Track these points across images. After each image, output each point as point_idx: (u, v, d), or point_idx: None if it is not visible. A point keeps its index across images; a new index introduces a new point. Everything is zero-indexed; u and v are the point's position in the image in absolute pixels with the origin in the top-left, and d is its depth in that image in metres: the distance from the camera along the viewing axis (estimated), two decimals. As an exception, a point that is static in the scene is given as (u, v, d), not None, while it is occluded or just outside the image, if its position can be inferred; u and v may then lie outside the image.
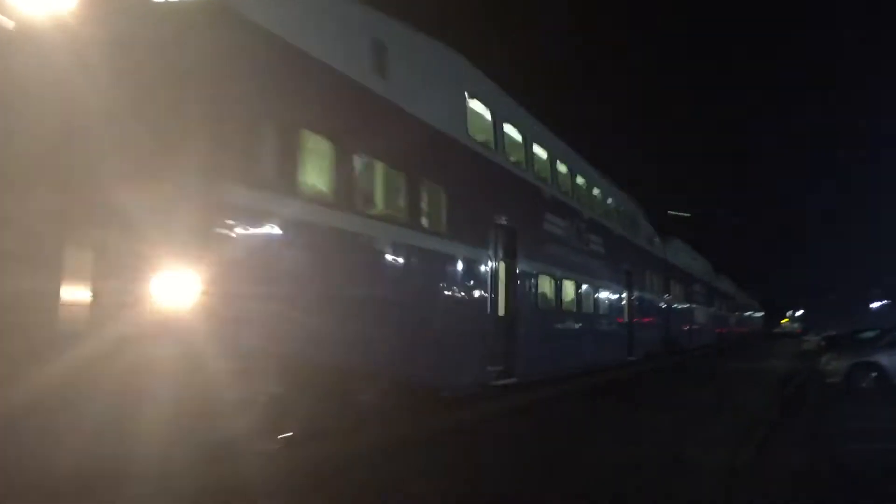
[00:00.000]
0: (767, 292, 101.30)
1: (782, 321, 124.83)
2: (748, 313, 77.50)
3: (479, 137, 12.80)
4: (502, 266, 13.27)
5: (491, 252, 12.67)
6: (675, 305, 31.87)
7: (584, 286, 18.82)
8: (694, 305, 37.42)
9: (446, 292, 11.15)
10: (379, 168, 9.35)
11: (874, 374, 14.66)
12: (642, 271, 25.76)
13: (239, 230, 6.64)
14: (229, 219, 6.51)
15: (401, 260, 9.73)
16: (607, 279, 21.01)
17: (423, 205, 10.52)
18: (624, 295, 22.99)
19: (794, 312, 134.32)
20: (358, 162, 8.67)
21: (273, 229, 7.13)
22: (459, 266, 11.47)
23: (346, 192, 8.38)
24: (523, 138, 14.97)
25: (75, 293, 6.13)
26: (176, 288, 5.97)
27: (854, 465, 7.85)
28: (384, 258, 9.39)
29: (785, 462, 8.04)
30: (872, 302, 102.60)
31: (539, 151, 15.95)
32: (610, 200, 22.70)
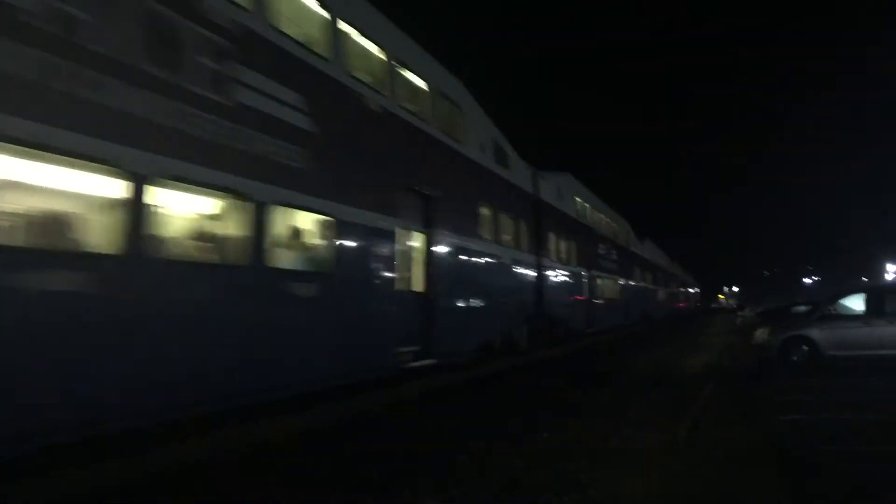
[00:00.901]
0: (705, 269, 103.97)
1: (719, 297, 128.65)
2: (692, 290, 79.63)
3: (368, 79, 11.10)
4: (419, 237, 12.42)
5: (403, 221, 11.63)
6: (635, 284, 38.98)
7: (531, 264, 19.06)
8: (651, 286, 46.95)
9: (345, 265, 9.91)
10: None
11: (806, 348, 15.15)
12: (605, 254, 30.43)
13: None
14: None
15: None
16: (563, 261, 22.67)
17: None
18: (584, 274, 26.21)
19: (730, 289, 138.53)
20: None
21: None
22: (361, 236, 10.28)
23: None
24: (433, 90, 13.50)
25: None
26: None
27: (787, 436, 8.14)
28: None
29: (720, 435, 8.28)
30: (805, 278, 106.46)
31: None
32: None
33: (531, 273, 19.58)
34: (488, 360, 15.39)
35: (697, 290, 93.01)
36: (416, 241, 12.41)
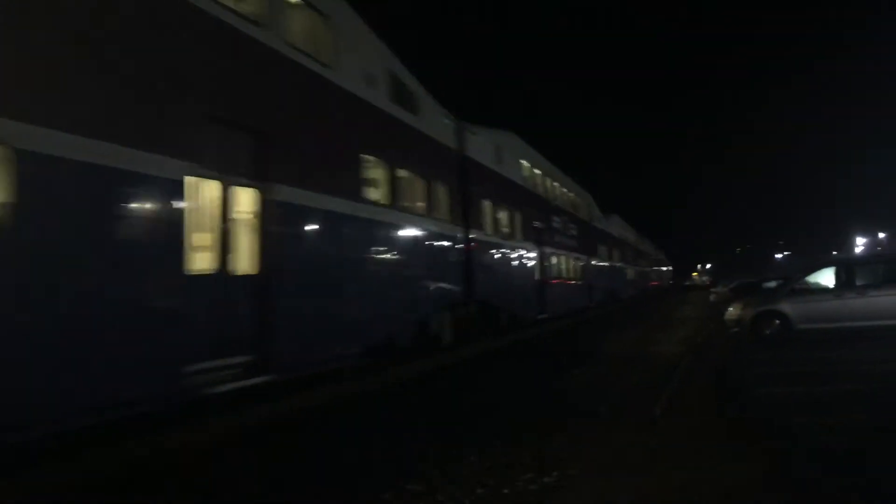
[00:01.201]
0: (678, 247, 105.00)
1: (693, 274, 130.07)
2: (664, 268, 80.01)
3: None
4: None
5: (202, 166, 7.57)
6: (600, 263, 36.18)
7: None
8: (619, 264, 44.60)
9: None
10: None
11: (778, 322, 15.36)
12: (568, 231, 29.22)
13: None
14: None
15: None
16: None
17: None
18: (534, 254, 22.18)
19: (703, 266, 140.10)
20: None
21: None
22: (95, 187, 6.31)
23: None
24: None
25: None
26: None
27: (760, 409, 8.25)
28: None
29: (696, 411, 8.38)
30: (776, 253, 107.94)
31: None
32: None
33: (457, 249, 15.83)
34: (380, 365, 11.32)
35: (670, 268, 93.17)
36: (240, 199, 8.42)
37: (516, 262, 20.87)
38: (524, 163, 23.42)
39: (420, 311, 13.56)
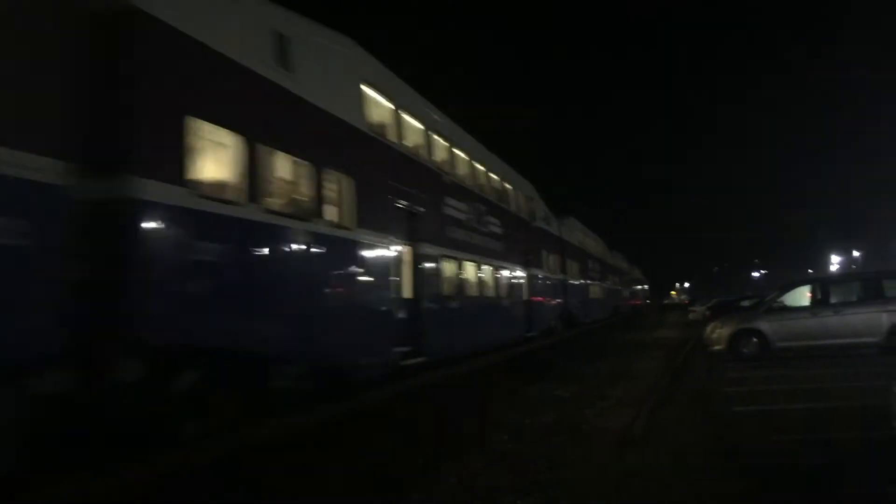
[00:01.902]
0: (655, 266, 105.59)
1: (671, 293, 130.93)
2: (639, 287, 79.47)
3: None
4: None
5: None
6: (546, 277, 25.54)
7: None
8: (579, 281, 33.43)
9: None
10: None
11: (755, 340, 15.48)
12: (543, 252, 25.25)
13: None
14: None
15: None
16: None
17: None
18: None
19: (681, 285, 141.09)
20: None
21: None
22: None
23: None
24: None
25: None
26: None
27: (738, 427, 8.28)
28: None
29: (676, 427, 8.39)
30: (753, 272, 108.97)
31: None
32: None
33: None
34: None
35: (646, 287, 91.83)
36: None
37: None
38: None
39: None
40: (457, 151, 16.55)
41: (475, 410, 9.56)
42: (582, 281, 34.31)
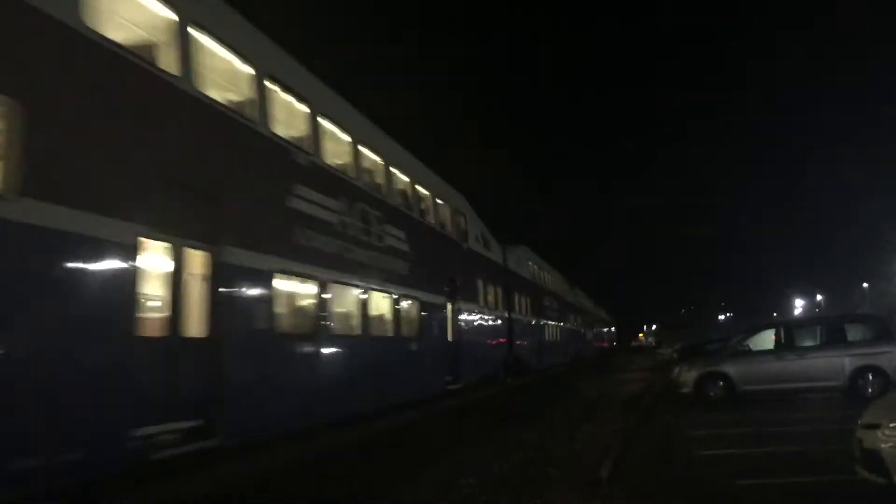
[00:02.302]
0: (623, 309, 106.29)
1: (639, 335, 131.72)
2: (605, 329, 78.46)
3: None
4: None
5: None
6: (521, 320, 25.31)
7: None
8: (537, 319, 30.27)
9: None
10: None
11: (721, 383, 15.53)
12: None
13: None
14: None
15: None
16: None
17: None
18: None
19: (648, 327, 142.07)
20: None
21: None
22: None
23: None
24: None
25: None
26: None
27: (703, 470, 8.26)
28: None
29: (641, 472, 8.34)
30: (720, 315, 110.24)
31: None
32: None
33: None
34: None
35: (612, 329, 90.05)
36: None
37: (529, 330, 26.92)
38: (530, 264, 29.94)
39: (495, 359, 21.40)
40: (326, 125, 11.44)
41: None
42: (534, 320, 29.24)
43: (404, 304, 14.04)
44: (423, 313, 14.97)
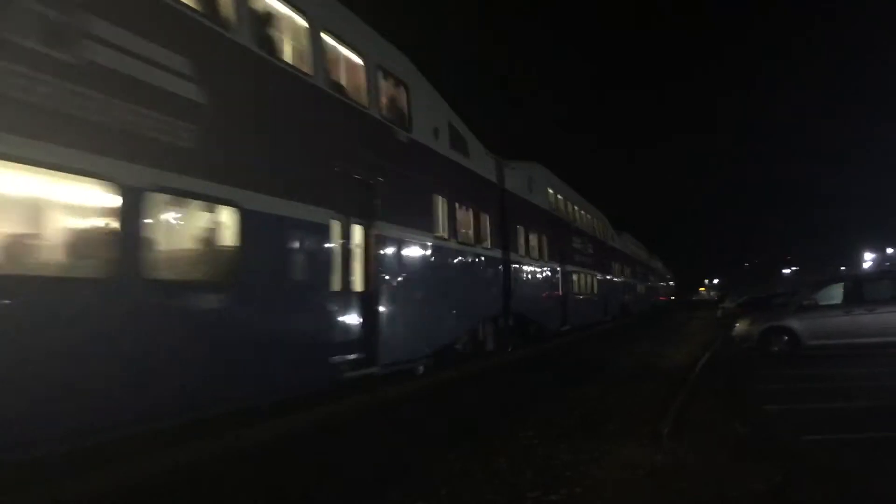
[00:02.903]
0: (685, 261, 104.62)
1: (700, 289, 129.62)
2: (662, 282, 77.71)
3: None
4: None
5: None
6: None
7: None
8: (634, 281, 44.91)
9: None
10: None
11: (786, 338, 15.25)
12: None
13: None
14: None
15: None
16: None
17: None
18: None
19: (711, 281, 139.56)
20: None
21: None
22: None
23: None
24: None
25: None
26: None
27: (768, 426, 8.17)
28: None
29: (706, 427, 8.29)
30: (784, 269, 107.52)
31: None
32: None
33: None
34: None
35: (672, 283, 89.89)
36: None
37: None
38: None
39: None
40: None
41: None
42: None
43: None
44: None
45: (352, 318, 10.29)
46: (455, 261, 14.88)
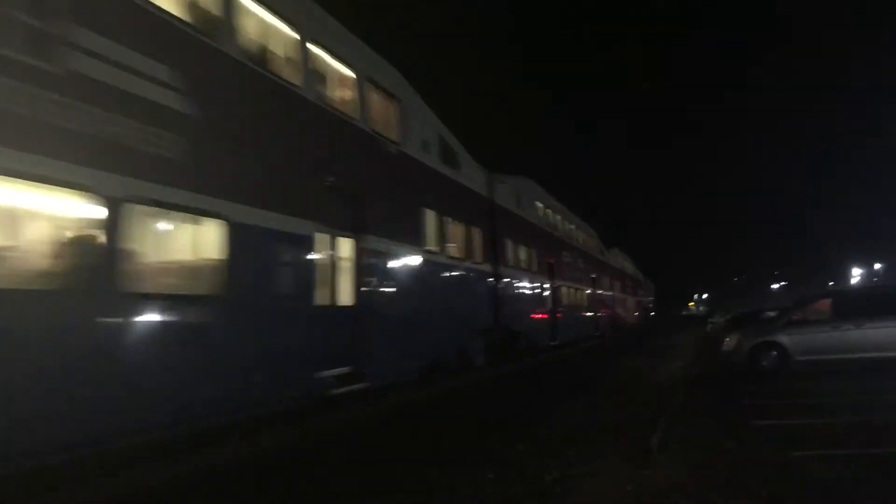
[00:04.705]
0: (674, 276, 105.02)
1: (689, 304, 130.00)
2: (651, 297, 78.19)
3: None
4: None
5: None
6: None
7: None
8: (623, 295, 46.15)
9: None
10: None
11: (775, 353, 15.24)
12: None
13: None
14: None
15: None
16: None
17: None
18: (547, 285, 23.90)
19: (699, 296, 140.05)
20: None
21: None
22: None
23: None
24: None
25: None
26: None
27: (757, 442, 8.13)
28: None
29: (693, 442, 8.25)
30: (773, 284, 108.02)
31: None
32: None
33: (487, 283, 17.62)
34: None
35: (651, 298, 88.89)
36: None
37: (533, 295, 22.12)
38: (539, 204, 24.70)
39: (462, 336, 15.49)
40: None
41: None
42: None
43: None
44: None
45: (338, 333, 10.04)
46: (444, 275, 14.80)
